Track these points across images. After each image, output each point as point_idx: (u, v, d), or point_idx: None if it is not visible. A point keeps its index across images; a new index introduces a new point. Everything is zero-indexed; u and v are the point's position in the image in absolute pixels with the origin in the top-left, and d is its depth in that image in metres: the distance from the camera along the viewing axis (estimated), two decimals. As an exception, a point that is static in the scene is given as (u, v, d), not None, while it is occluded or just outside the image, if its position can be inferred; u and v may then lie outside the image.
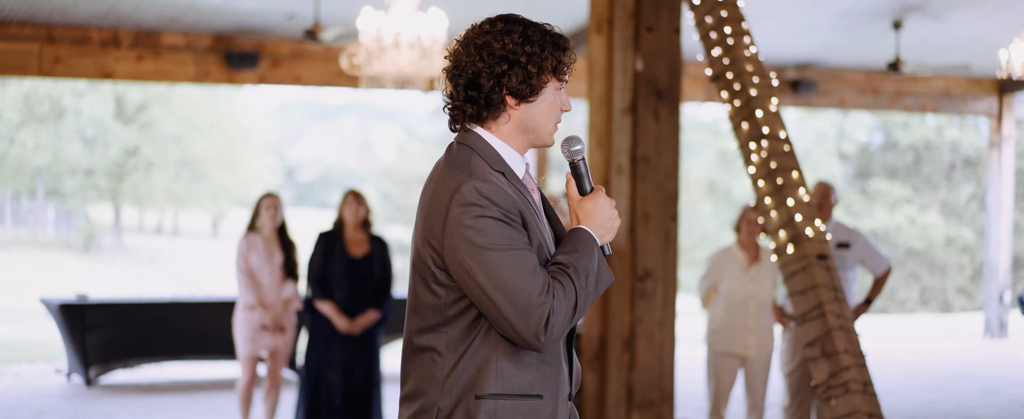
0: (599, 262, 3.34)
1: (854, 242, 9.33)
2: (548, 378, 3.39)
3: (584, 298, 3.27)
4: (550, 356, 3.40)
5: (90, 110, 43.10)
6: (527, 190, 3.42)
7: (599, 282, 3.32)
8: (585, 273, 3.28)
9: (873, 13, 14.47)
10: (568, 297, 3.24)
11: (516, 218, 3.27)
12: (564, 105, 3.46)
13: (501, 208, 3.24)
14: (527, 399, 3.35)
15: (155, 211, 55.08)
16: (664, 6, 8.35)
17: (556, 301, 3.21)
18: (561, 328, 3.24)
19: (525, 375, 3.35)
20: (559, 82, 3.43)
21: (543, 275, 3.23)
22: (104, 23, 13.76)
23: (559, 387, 3.42)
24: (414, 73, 11.58)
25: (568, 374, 3.49)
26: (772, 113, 7.66)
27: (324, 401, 9.31)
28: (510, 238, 3.23)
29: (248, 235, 9.66)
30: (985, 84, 18.62)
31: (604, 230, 3.38)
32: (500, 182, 3.30)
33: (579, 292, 3.26)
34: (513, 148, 3.44)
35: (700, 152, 46.10)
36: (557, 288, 3.22)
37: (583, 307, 3.28)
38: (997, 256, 19.26)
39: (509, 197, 3.27)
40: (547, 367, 3.39)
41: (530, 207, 3.36)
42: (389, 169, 51.72)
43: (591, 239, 3.35)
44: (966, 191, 41.51)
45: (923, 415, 11.93)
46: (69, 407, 11.90)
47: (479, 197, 3.24)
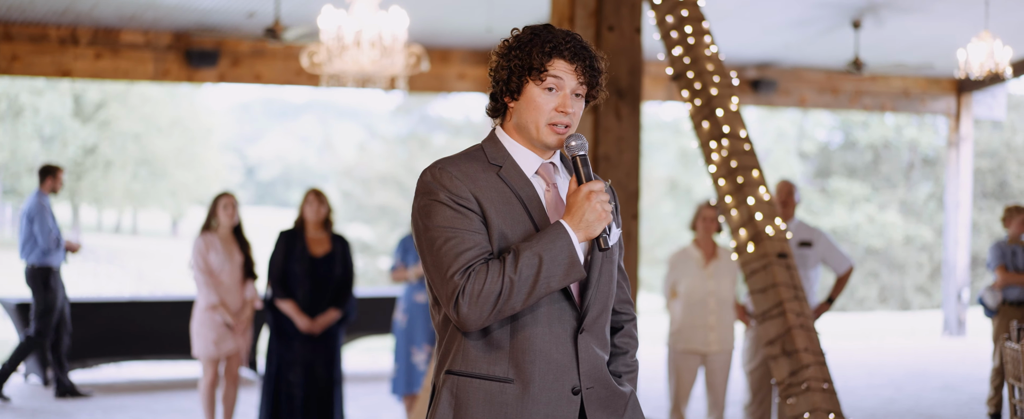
0: (560, 253, 3.37)
1: (816, 241, 9.38)
2: (522, 364, 3.46)
3: (522, 284, 3.34)
4: (529, 342, 3.47)
5: (48, 108, 42.81)
6: (524, 183, 3.52)
7: (546, 272, 3.36)
8: (528, 261, 3.34)
9: (832, 13, 14.55)
10: (491, 281, 3.34)
11: (466, 204, 3.42)
12: (559, 106, 3.51)
13: (450, 193, 3.42)
14: (491, 381, 3.47)
15: (114, 210, 54.76)
16: (625, 5, 8.36)
17: (471, 283, 3.34)
18: (474, 309, 3.35)
19: (493, 358, 3.47)
20: (539, 83, 3.50)
21: (471, 257, 3.38)
22: (62, 20, 13.67)
23: (536, 375, 3.47)
24: (375, 72, 11.55)
25: (574, 366, 3.52)
26: (732, 112, 7.69)
27: (285, 400, 9.28)
28: (450, 221, 3.40)
29: (205, 234, 9.58)
30: (943, 84, 18.74)
31: (585, 224, 3.40)
32: (469, 170, 3.47)
33: (513, 278, 3.33)
34: (521, 144, 3.58)
35: (661, 151, 46.21)
36: (482, 271, 3.35)
37: (521, 292, 3.35)
38: (955, 255, 19.38)
39: (464, 185, 3.43)
40: (521, 354, 3.47)
41: (510, 198, 3.48)
42: (350, 168, 51.55)
43: (557, 231, 3.40)
44: (925, 190, 41.77)
45: (883, 413, 11.99)
46: (27, 408, 11.82)
47: (431, 182, 3.45)
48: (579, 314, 3.53)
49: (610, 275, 3.63)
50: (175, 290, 37.92)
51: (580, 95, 3.53)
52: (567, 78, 3.49)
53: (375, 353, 17.11)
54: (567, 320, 3.51)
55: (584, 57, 3.50)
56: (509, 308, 3.37)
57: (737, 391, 12.32)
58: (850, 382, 13.86)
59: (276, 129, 69.14)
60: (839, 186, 41.51)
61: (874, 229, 40.52)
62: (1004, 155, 38.81)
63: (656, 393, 12.25)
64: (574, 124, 3.53)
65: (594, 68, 3.52)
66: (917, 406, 12.41)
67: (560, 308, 3.50)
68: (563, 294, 3.50)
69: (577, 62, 3.50)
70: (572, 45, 3.51)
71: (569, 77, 3.49)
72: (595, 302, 3.56)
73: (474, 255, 3.39)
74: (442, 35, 14.96)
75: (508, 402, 3.47)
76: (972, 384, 13.89)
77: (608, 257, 3.61)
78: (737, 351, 9.34)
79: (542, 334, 3.48)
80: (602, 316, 3.60)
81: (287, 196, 64.12)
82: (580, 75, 3.50)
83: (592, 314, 3.55)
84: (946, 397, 13.04)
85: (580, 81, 3.50)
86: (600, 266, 3.57)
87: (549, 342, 3.48)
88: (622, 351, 3.80)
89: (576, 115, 3.53)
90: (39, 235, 12.05)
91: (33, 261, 12.11)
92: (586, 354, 3.54)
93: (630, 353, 3.81)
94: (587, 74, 3.51)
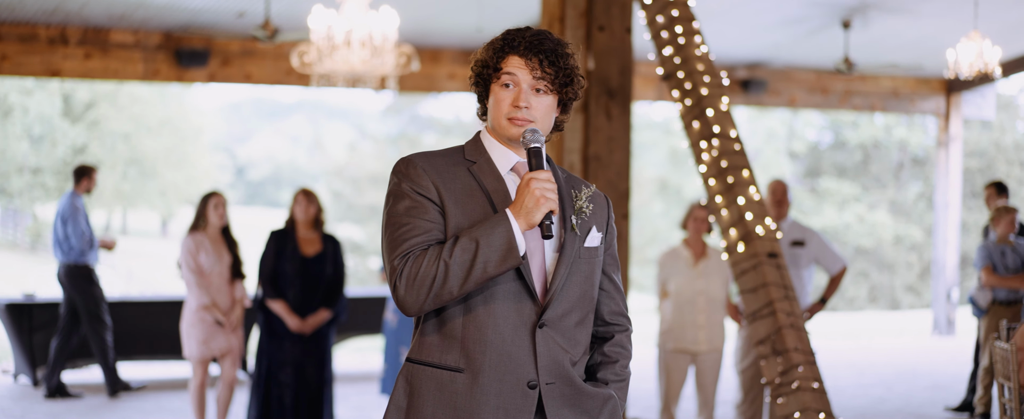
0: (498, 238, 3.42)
1: (809, 241, 9.39)
2: (473, 354, 3.52)
3: (457, 268, 3.40)
4: (481, 333, 3.51)
5: (37, 108, 42.75)
6: (495, 179, 3.60)
7: (482, 256, 3.40)
8: (465, 246, 3.41)
9: (822, 13, 14.56)
10: (427, 265, 3.43)
11: (425, 193, 3.53)
12: (513, 101, 3.57)
13: (412, 183, 3.54)
14: (442, 369, 3.55)
15: (103, 210, 54.66)
16: (615, 5, 8.37)
17: (409, 266, 3.45)
18: (411, 292, 3.45)
19: (446, 347, 3.55)
20: (497, 81, 3.60)
21: (415, 243, 3.48)
22: (52, 20, 13.64)
23: (487, 366, 3.51)
24: (365, 71, 11.55)
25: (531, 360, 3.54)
26: (723, 112, 7.70)
27: (275, 400, 9.26)
28: (406, 210, 3.53)
29: (194, 234, 9.53)
30: (933, 84, 18.78)
31: (524, 210, 3.43)
32: (438, 164, 3.58)
33: (449, 262, 3.41)
34: (499, 142, 3.66)
35: (651, 151, 46.25)
36: (421, 256, 3.45)
37: (456, 276, 3.42)
38: (945, 254, 19.42)
39: (427, 177, 3.54)
40: (473, 344, 3.52)
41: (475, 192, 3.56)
42: (340, 168, 51.56)
43: (498, 217, 3.45)
44: (914, 190, 41.85)
45: (872, 412, 12.00)
46: (16, 408, 11.80)
47: (398, 172, 3.59)
48: (540, 307, 3.55)
49: (585, 276, 3.65)
50: (164, 290, 37.87)
51: (541, 90, 3.57)
52: (521, 74, 3.55)
53: (365, 353, 17.10)
54: (527, 314, 3.54)
55: (539, 52, 3.55)
56: (446, 292, 3.43)
57: (728, 390, 12.33)
58: (840, 381, 13.88)
59: (266, 129, 69.11)
60: (829, 186, 41.58)
61: (864, 229, 40.59)
62: (993, 154, 38.90)
63: (646, 392, 12.25)
64: (537, 118, 3.57)
65: (555, 64, 3.55)
66: (907, 405, 12.43)
67: (519, 301, 3.53)
68: (524, 287, 3.53)
69: (532, 57, 3.55)
70: (527, 42, 3.57)
71: (523, 72, 3.55)
72: (561, 299, 3.57)
73: (418, 241, 3.49)
74: (432, 35, 14.96)
75: (458, 391, 3.52)
76: (961, 383, 13.89)
77: (585, 257, 3.63)
78: (728, 350, 9.35)
79: (495, 326, 3.52)
80: (571, 315, 3.61)
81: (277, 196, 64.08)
82: (536, 70, 3.54)
83: (556, 310, 3.57)
84: (935, 396, 13.06)
85: (536, 76, 3.54)
86: (571, 264, 3.59)
87: (503, 334, 3.52)
88: (611, 360, 3.82)
89: (535, 109, 3.56)
90: (72, 236, 12.20)
91: (69, 260, 12.23)
92: (545, 349, 3.56)
93: (620, 362, 3.82)
94: (545, 69, 3.54)
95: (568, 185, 3.70)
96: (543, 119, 3.59)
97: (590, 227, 3.66)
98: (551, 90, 3.58)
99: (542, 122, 3.58)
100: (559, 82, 3.57)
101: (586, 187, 3.71)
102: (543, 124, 3.58)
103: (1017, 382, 7.13)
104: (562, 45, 3.60)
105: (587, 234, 3.65)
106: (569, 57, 3.60)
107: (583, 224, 3.65)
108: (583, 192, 3.69)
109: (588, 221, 3.66)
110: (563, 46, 3.60)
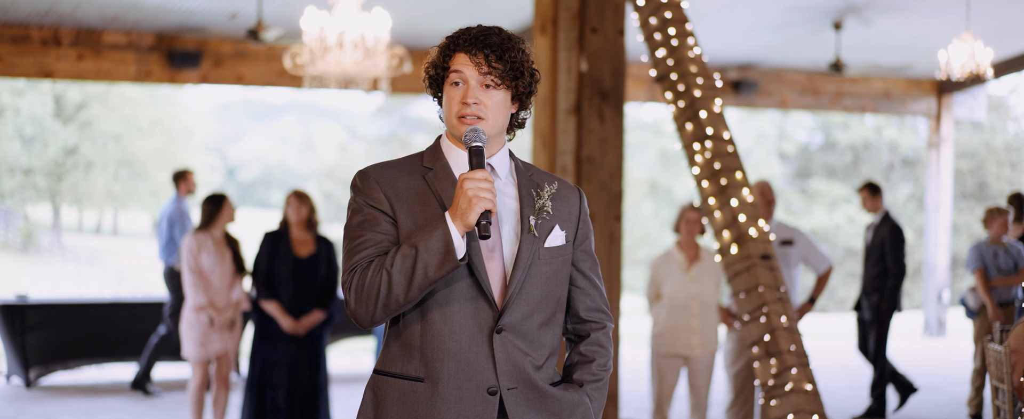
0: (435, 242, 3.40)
1: (797, 240, 9.45)
2: (431, 363, 3.50)
3: (399, 275, 3.39)
4: (438, 341, 3.50)
5: (29, 109, 42.72)
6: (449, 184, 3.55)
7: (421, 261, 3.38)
8: (405, 253, 3.40)
9: (813, 14, 14.59)
10: (372, 275, 3.43)
11: (377, 205, 3.52)
12: (461, 98, 3.54)
13: (364, 196, 3.54)
14: (404, 379, 3.54)
15: (94, 211, 54.64)
16: (608, 7, 8.38)
17: (356, 278, 3.45)
18: (361, 304, 3.44)
19: (407, 357, 3.54)
20: (447, 80, 3.57)
21: (365, 256, 3.48)
22: (45, 21, 13.63)
23: (445, 374, 3.49)
24: (358, 73, 11.55)
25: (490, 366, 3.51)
26: (716, 114, 7.71)
27: (269, 401, 9.27)
28: (359, 223, 3.53)
29: (197, 234, 9.55)
30: (924, 85, 18.81)
31: (459, 211, 3.39)
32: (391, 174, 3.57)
33: (391, 271, 3.40)
34: (455, 145, 3.63)
35: (641, 152, 46.28)
36: (367, 268, 3.45)
37: (399, 283, 3.40)
38: (936, 256, 19.45)
39: (378, 188, 3.53)
40: (431, 353, 3.50)
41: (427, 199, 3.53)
42: (331, 168, 51.58)
43: (437, 222, 3.43)
44: (905, 191, 41.91)
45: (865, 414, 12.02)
46: (8, 409, 11.79)
47: (353, 187, 3.59)
48: (496, 312, 3.52)
49: (547, 277, 3.60)
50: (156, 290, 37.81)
51: (490, 86, 3.53)
52: (468, 71, 3.51)
53: (358, 354, 17.10)
54: (484, 319, 3.51)
55: (485, 47, 3.51)
56: (393, 301, 3.42)
57: (719, 392, 12.34)
58: (831, 383, 13.90)
59: (257, 130, 69.05)
60: (819, 187, 41.64)
61: (854, 230, 40.63)
62: (984, 156, 38.98)
63: (639, 394, 12.27)
64: (487, 115, 3.52)
65: (502, 58, 3.52)
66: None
67: (475, 307, 3.50)
68: (480, 292, 3.50)
69: (477, 53, 3.51)
70: (472, 38, 3.54)
71: (469, 69, 3.51)
72: (519, 302, 3.53)
73: (367, 254, 3.49)
74: (425, 36, 14.97)
75: (419, 400, 3.51)
76: (953, 385, 13.94)
77: (544, 259, 3.59)
78: (720, 353, 9.37)
79: (452, 333, 3.49)
80: (532, 318, 3.57)
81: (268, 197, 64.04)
82: (482, 65, 3.50)
83: (514, 314, 3.53)
84: (927, 398, 13.08)
85: (483, 72, 3.50)
86: (528, 266, 3.55)
87: (460, 341, 3.50)
88: (587, 359, 3.75)
89: (485, 105, 3.52)
90: (178, 238, 12.58)
91: (174, 262, 12.59)
92: (504, 354, 3.52)
93: (597, 361, 3.74)
94: (492, 64, 3.51)
95: (531, 183, 3.65)
96: (494, 115, 3.53)
97: (552, 226, 3.60)
98: (500, 85, 3.53)
99: (494, 118, 3.53)
100: (510, 76, 3.53)
101: (549, 184, 3.65)
102: (495, 120, 3.53)
103: (1011, 384, 7.15)
104: (511, 40, 3.55)
105: (548, 234, 3.60)
106: (518, 51, 3.55)
107: (544, 224, 3.59)
108: (545, 190, 3.63)
109: (549, 221, 3.61)
110: (512, 40, 3.55)
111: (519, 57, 3.54)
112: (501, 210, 3.58)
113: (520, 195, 3.62)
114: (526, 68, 3.57)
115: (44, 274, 36.01)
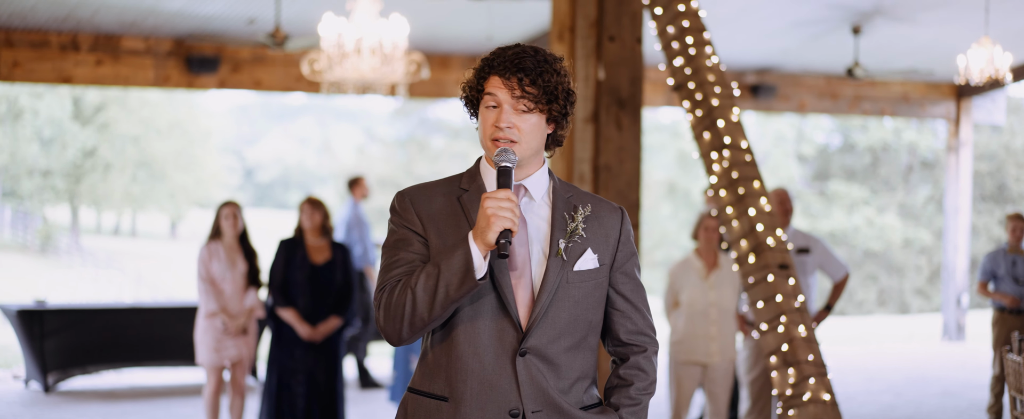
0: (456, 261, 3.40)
1: (813, 248, 9.43)
2: (455, 383, 3.52)
3: (422, 294, 3.42)
4: (462, 362, 3.51)
5: (47, 111, 42.85)
6: None
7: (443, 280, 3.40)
8: (429, 272, 3.43)
9: (832, 19, 14.56)
10: (399, 295, 3.47)
11: (411, 226, 3.57)
12: (495, 121, 3.52)
13: (399, 217, 3.60)
14: (430, 398, 3.57)
15: (113, 212, 54.76)
16: (626, 15, 8.36)
17: (384, 298, 3.50)
18: (390, 323, 3.49)
19: (434, 376, 3.58)
20: (483, 103, 3.55)
21: (396, 275, 3.53)
22: (63, 27, 13.67)
23: (468, 394, 3.50)
24: (375, 79, 11.56)
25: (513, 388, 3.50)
26: (734, 123, 7.70)
27: (287, 408, 9.30)
28: (392, 244, 3.59)
29: (209, 243, 9.61)
30: (943, 89, 18.75)
31: (479, 230, 3.39)
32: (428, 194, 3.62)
33: (415, 290, 3.44)
34: (491, 166, 3.63)
35: (660, 154, 46.24)
36: (396, 287, 3.50)
37: (422, 302, 3.43)
38: (955, 260, 19.39)
39: (412, 209, 3.58)
40: (455, 373, 3.52)
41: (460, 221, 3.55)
42: (349, 170, 51.56)
43: (458, 242, 3.44)
44: (923, 193, 41.79)
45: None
46: (27, 414, 11.82)
47: (391, 209, 3.64)
48: (520, 335, 3.50)
49: (576, 301, 3.57)
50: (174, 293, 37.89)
51: (525, 110, 3.50)
52: (501, 94, 3.49)
53: (374, 358, 17.10)
54: (508, 341, 3.50)
55: (519, 71, 3.48)
56: (419, 319, 3.45)
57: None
58: (849, 388, 13.87)
59: (275, 131, 69.17)
60: (838, 189, 41.54)
61: (873, 232, 40.55)
62: (1003, 158, 38.86)
63: (656, 402, 12.25)
64: (520, 139, 3.50)
65: (536, 82, 3.48)
66: (917, 413, 12.41)
67: (500, 328, 3.49)
68: (505, 313, 3.49)
69: (511, 77, 3.48)
70: (507, 61, 3.50)
71: (503, 93, 3.49)
72: (545, 325, 3.51)
73: (397, 273, 3.54)
74: (442, 41, 14.98)
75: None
76: (972, 390, 13.90)
77: (574, 282, 3.56)
78: (738, 360, 9.36)
79: (476, 354, 3.49)
80: (560, 341, 3.55)
81: (286, 198, 64.16)
82: (516, 89, 3.47)
83: (539, 337, 3.51)
84: (946, 403, 13.04)
85: (516, 95, 3.48)
86: (555, 290, 3.53)
87: (484, 362, 3.49)
88: (625, 383, 3.71)
89: (519, 128, 3.49)
90: (356, 243, 13.21)
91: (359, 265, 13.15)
92: (528, 377, 3.51)
93: (635, 385, 3.70)
94: (525, 88, 3.48)
95: (567, 205, 3.62)
96: (528, 138, 3.51)
97: (584, 250, 3.57)
98: (534, 108, 3.50)
99: (527, 141, 3.50)
100: (544, 100, 3.49)
101: (585, 206, 3.62)
102: (529, 143, 3.51)
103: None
104: (546, 61, 3.52)
105: (579, 257, 3.56)
106: (553, 73, 3.51)
107: (575, 247, 3.56)
108: (579, 213, 3.60)
109: (582, 244, 3.58)
110: (548, 62, 3.51)
111: (553, 80, 3.50)
112: (532, 232, 3.57)
113: (553, 217, 3.60)
114: (561, 90, 3.52)
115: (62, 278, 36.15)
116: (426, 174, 41.63)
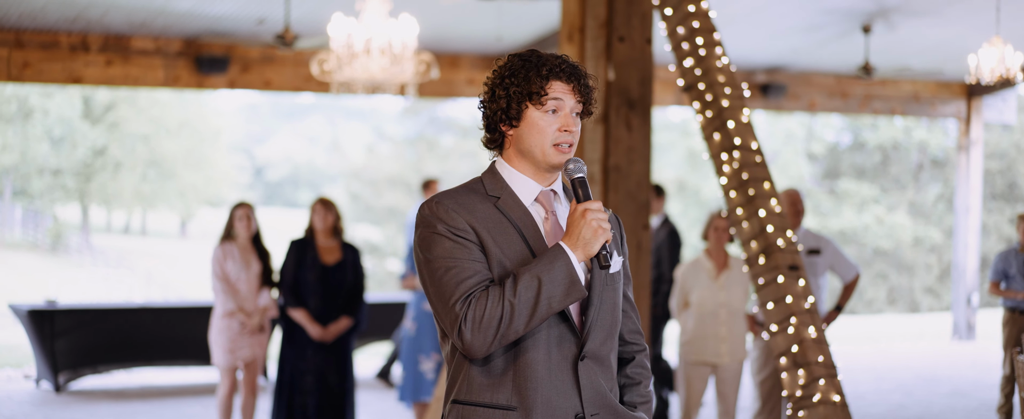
0: (558, 273, 3.42)
1: (824, 249, 9.40)
2: (525, 391, 3.50)
3: (522, 307, 3.39)
4: (531, 369, 3.50)
5: (58, 110, 42.92)
6: (522, 213, 3.58)
7: (546, 293, 3.40)
8: (527, 284, 3.39)
9: (843, 18, 14.53)
10: (491, 306, 3.40)
11: (464, 234, 3.49)
12: (562, 126, 3.56)
13: (448, 225, 3.49)
14: (495, 409, 3.52)
15: (123, 211, 54.84)
16: (636, 16, 8.35)
17: (472, 310, 3.40)
18: (478, 336, 3.41)
19: (496, 385, 3.53)
20: (540, 107, 3.55)
21: (471, 285, 3.44)
22: (73, 28, 13.69)
23: (539, 402, 3.50)
24: (385, 79, 11.55)
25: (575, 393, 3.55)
26: (744, 124, 7.68)
27: (298, 408, 9.32)
28: (449, 252, 3.47)
29: (223, 244, 9.64)
30: (954, 88, 18.72)
31: (582, 242, 3.44)
32: (466, 202, 3.55)
33: (513, 302, 3.39)
34: (521, 172, 3.64)
35: (669, 152, 46.20)
36: (482, 298, 3.41)
37: (522, 315, 3.40)
38: (965, 259, 19.36)
39: (460, 216, 3.50)
40: (523, 382, 3.50)
41: (506, 228, 3.53)
42: (358, 169, 51.63)
43: (555, 252, 3.44)
44: (934, 191, 41.70)
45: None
46: (38, 414, 11.84)
47: (429, 216, 3.53)
48: (580, 340, 3.56)
49: (613, 302, 3.66)
50: (185, 292, 37.95)
51: (579, 113, 3.60)
52: (566, 98, 3.56)
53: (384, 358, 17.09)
54: (568, 346, 3.54)
55: (578, 76, 3.58)
56: (512, 332, 3.42)
57: (746, 398, 12.30)
58: (859, 387, 13.85)
59: (284, 130, 69.25)
60: (848, 187, 41.45)
61: (883, 230, 40.46)
62: (1014, 157, 38.76)
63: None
64: (576, 142, 3.60)
65: (587, 86, 3.60)
66: (927, 412, 12.39)
67: (560, 334, 3.53)
68: (562, 320, 3.53)
69: (573, 82, 3.57)
70: (567, 66, 3.58)
71: (568, 97, 3.56)
72: (597, 328, 3.59)
73: (474, 283, 3.45)
74: (451, 41, 14.97)
75: None
76: (982, 390, 13.87)
77: (610, 285, 3.64)
78: (747, 360, 9.35)
79: (543, 360, 3.52)
80: (606, 343, 3.63)
81: (295, 196, 64.25)
82: (577, 94, 3.57)
83: (594, 340, 3.58)
84: (956, 403, 13.02)
85: (577, 100, 3.58)
86: (601, 293, 3.60)
87: (550, 368, 3.52)
88: (635, 382, 3.83)
89: (578, 133, 3.59)
90: None
91: None
92: (588, 381, 3.57)
93: (643, 383, 3.84)
94: (582, 93, 3.59)
95: None
96: (577, 143, 3.64)
97: (613, 251, 3.64)
98: (582, 114, 3.62)
99: (576, 146, 3.61)
100: (589, 107, 3.62)
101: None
102: (575, 147, 3.60)
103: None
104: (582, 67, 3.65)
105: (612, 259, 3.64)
106: (592, 78, 3.65)
107: None
108: None
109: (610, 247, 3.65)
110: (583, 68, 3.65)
111: (594, 86, 3.65)
112: None
113: None
114: (594, 97, 3.65)
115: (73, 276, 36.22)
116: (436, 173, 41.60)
